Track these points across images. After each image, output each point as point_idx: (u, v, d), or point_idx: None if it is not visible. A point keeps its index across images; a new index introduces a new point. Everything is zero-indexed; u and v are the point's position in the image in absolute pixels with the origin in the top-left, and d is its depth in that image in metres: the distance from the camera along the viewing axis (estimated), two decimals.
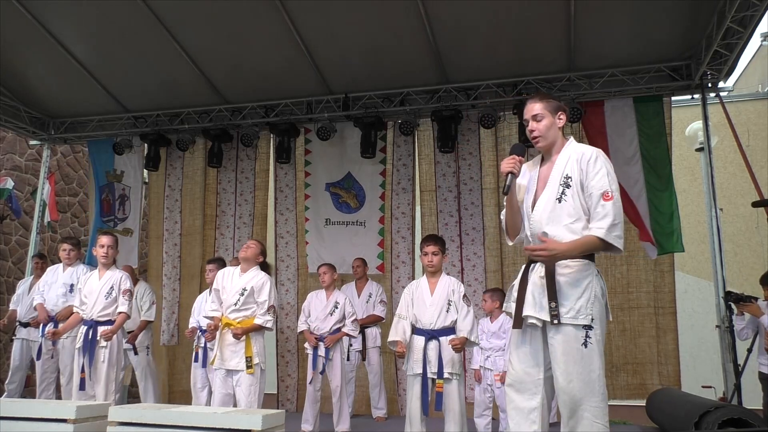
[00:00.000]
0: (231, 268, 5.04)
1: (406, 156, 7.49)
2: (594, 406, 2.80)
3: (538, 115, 2.99)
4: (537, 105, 3.01)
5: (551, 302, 2.83)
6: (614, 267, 6.76)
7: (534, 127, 3.01)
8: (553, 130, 3.00)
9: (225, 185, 8.06)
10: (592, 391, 2.81)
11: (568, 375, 2.81)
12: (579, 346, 2.81)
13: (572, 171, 2.91)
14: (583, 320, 2.82)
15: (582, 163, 2.90)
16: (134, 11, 6.07)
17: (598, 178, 2.86)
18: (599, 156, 2.93)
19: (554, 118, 3.00)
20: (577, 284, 2.85)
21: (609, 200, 2.81)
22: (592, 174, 2.87)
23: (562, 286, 2.86)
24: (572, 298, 2.84)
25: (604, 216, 2.81)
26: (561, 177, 2.92)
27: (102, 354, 4.97)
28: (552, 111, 2.99)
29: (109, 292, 5.09)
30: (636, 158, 6.58)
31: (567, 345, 2.82)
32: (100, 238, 5.27)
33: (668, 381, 6.45)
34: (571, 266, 2.87)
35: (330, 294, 5.86)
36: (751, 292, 9.87)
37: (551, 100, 3.03)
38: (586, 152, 2.94)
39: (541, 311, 2.88)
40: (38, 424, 3.69)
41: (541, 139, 3.01)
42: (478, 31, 6.15)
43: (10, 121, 7.91)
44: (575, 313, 2.82)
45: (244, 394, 4.57)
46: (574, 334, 2.82)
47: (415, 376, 4.46)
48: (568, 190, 2.90)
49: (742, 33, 5.51)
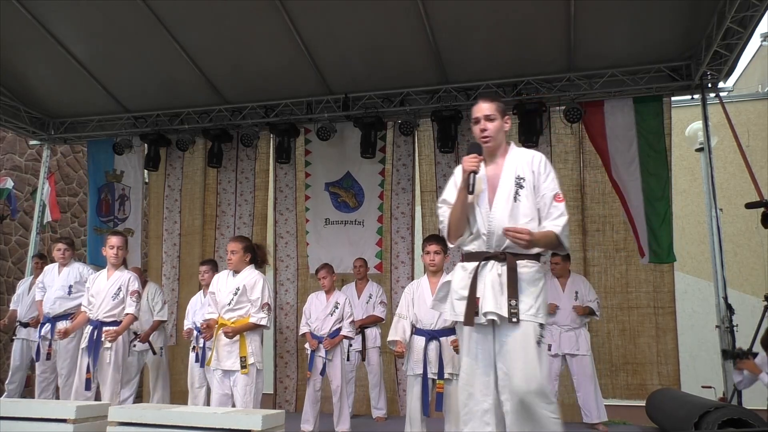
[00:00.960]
0: (225, 271, 5.01)
1: (405, 156, 7.49)
2: (549, 403, 2.85)
3: (491, 115, 3.07)
4: (489, 105, 3.09)
5: (511, 300, 2.88)
6: (613, 267, 6.77)
7: (486, 126, 3.07)
8: (501, 133, 3.10)
9: (225, 185, 8.06)
10: (544, 388, 2.87)
11: (526, 372, 2.85)
12: (534, 343, 2.88)
13: (524, 173, 3.03)
14: (541, 318, 2.92)
15: (533, 165, 3.04)
16: (134, 11, 6.07)
17: (549, 181, 3.03)
18: (547, 160, 3.10)
19: (502, 122, 3.10)
20: (535, 283, 2.96)
21: (561, 201, 3.00)
22: (544, 176, 3.03)
23: (523, 284, 2.93)
24: (532, 296, 2.92)
25: (559, 215, 2.97)
26: (514, 178, 3.02)
27: (108, 356, 4.95)
28: (501, 114, 3.09)
29: (117, 293, 5.07)
30: (635, 163, 6.59)
31: (526, 342, 2.88)
32: (110, 238, 5.22)
33: (668, 381, 6.45)
34: (529, 266, 2.98)
35: (330, 295, 5.87)
36: (751, 292, 9.91)
37: (500, 103, 3.14)
38: (535, 156, 3.08)
39: (501, 308, 2.91)
40: (38, 424, 3.69)
41: (491, 140, 3.08)
42: (478, 31, 6.16)
43: (10, 121, 7.91)
44: (535, 310, 2.91)
45: (240, 395, 4.56)
46: (532, 331, 2.89)
47: (415, 377, 4.46)
48: (522, 191, 3.00)
49: (742, 33, 5.51)
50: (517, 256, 2.98)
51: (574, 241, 6.80)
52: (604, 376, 6.56)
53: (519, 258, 2.98)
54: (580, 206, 6.89)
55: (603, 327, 6.72)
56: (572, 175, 6.97)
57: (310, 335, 5.75)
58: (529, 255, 3.00)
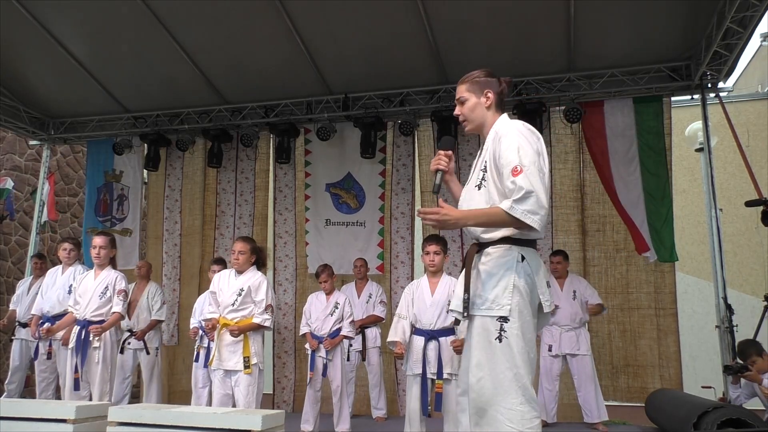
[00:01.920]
0: (227, 270, 5.03)
1: (405, 156, 7.50)
2: (508, 408, 2.48)
3: (461, 98, 2.83)
4: (462, 87, 2.84)
5: (465, 293, 2.62)
6: (614, 267, 6.76)
7: (458, 111, 2.86)
8: (478, 111, 2.80)
9: (225, 185, 8.06)
10: (505, 391, 2.49)
11: (478, 371, 2.55)
12: (492, 340, 2.53)
13: (488, 153, 2.69)
14: (498, 311, 2.54)
15: (495, 142, 2.65)
16: (134, 11, 6.07)
17: (506, 155, 2.56)
18: (511, 129, 2.65)
19: (479, 98, 2.79)
20: (495, 272, 2.59)
21: (518, 174, 2.49)
22: (503, 150, 2.58)
23: (481, 275, 2.62)
24: (488, 286, 2.58)
25: (512, 191, 2.50)
26: (482, 161, 2.73)
27: (96, 355, 4.97)
28: (477, 91, 2.79)
29: (104, 292, 5.09)
30: (635, 163, 6.59)
31: (479, 338, 2.58)
32: (93, 239, 5.29)
33: (670, 384, 6.41)
34: (490, 253, 2.64)
35: (330, 295, 5.88)
36: (751, 292, 9.90)
37: (478, 79, 2.81)
38: (500, 129, 2.69)
39: (458, 304, 2.68)
40: (38, 424, 3.68)
41: (467, 123, 2.84)
42: (477, 31, 6.16)
43: (10, 121, 7.91)
44: (489, 303, 2.57)
45: (243, 395, 4.57)
46: (486, 326, 2.56)
47: (414, 377, 4.46)
48: (487, 175, 2.67)
49: (741, 33, 5.51)
50: (480, 246, 2.70)
51: (573, 241, 6.80)
52: (605, 378, 6.53)
53: (484, 247, 2.68)
54: (580, 206, 6.87)
55: (603, 328, 6.70)
56: (572, 175, 6.96)
57: (311, 335, 5.75)
58: (493, 242, 2.65)
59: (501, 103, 2.82)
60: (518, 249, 2.61)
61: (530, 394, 2.52)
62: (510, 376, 2.50)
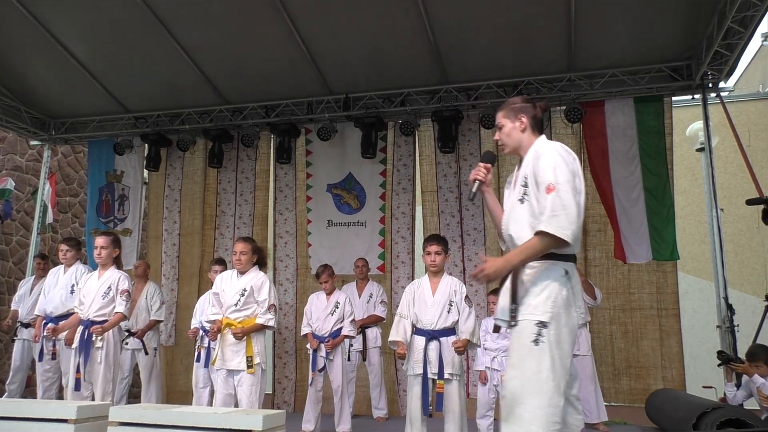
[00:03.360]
0: (229, 271, 5.04)
1: (406, 156, 7.50)
2: (534, 407, 2.60)
3: (499, 124, 3.06)
4: (499, 114, 3.07)
5: (512, 305, 2.78)
6: (615, 267, 6.75)
7: (497, 137, 3.08)
8: (514, 135, 3.01)
9: (225, 185, 8.07)
10: (533, 392, 2.62)
11: (512, 370, 2.72)
12: (529, 342, 2.67)
13: (528, 171, 2.89)
14: (539, 316, 2.70)
15: (534, 161, 2.86)
16: (135, 11, 6.08)
17: (542, 173, 2.78)
18: (547, 150, 2.86)
19: (514, 123, 3.00)
20: (541, 283, 2.76)
21: (550, 192, 2.70)
22: (540, 169, 2.80)
23: (527, 286, 2.79)
24: (532, 295, 2.75)
25: (542, 211, 2.72)
26: (522, 177, 2.92)
27: (99, 355, 4.97)
28: (512, 116, 3.01)
29: (107, 292, 5.09)
30: (635, 162, 6.59)
31: (518, 341, 2.73)
32: (95, 239, 5.30)
33: (672, 385, 6.37)
34: (534, 266, 2.80)
35: (330, 294, 5.88)
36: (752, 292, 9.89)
37: (513, 106, 3.04)
38: (539, 149, 2.90)
39: (504, 314, 2.84)
40: (39, 424, 3.69)
41: (505, 146, 3.06)
42: (478, 31, 6.16)
43: (11, 122, 7.91)
44: (531, 308, 2.73)
45: (246, 394, 4.57)
46: (526, 329, 2.71)
47: (415, 377, 4.45)
48: (528, 190, 2.86)
49: (742, 33, 5.51)
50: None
51: None
52: (607, 379, 6.51)
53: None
54: None
55: (605, 329, 6.68)
56: None
57: (312, 335, 5.75)
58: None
59: (537, 126, 3.02)
60: (562, 264, 2.80)
61: (557, 401, 2.63)
62: (541, 378, 2.62)
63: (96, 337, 4.96)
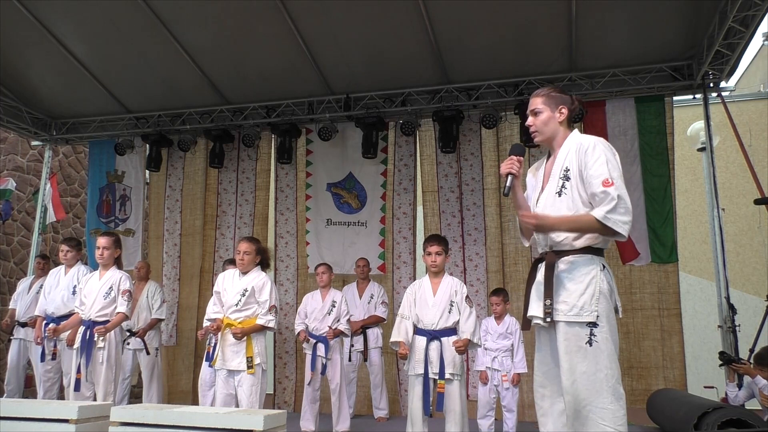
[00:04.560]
0: (231, 270, 5.04)
1: (407, 156, 7.50)
2: (601, 408, 2.65)
3: (536, 109, 2.97)
4: (537, 99, 2.98)
5: (546, 300, 2.76)
6: (617, 267, 6.71)
7: (531, 122, 2.99)
8: (551, 124, 2.94)
9: (226, 185, 8.07)
10: (598, 392, 2.66)
11: (572, 374, 2.70)
12: (583, 344, 2.69)
13: (571, 163, 2.84)
14: (587, 317, 2.70)
15: (580, 153, 2.82)
16: (136, 12, 6.08)
17: (596, 167, 2.75)
18: (598, 144, 2.82)
19: (554, 113, 2.94)
20: (580, 279, 2.75)
21: (610, 186, 2.71)
22: (591, 162, 2.77)
23: (564, 282, 2.77)
24: (575, 294, 2.74)
25: (603, 200, 2.70)
26: (561, 170, 2.87)
27: (101, 355, 4.97)
28: (552, 105, 2.94)
29: (108, 293, 5.10)
30: (636, 163, 6.58)
31: (569, 344, 2.72)
32: (97, 239, 5.31)
33: (674, 385, 6.37)
34: (572, 260, 2.79)
35: (326, 293, 5.92)
36: (753, 292, 9.88)
37: (554, 94, 2.97)
38: (584, 142, 2.85)
39: (539, 310, 2.82)
40: (40, 425, 3.69)
41: (537, 134, 2.98)
42: (479, 31, 6.15)
43: (12, 122, 7.92)
44: (578, 310, 2.72)
45: (246, 395, 4.58)
46: (577, 332, 2.71)
47: (416, 377, 4.45)
48: (567, 183, 2.83)
49: (743, 33, 5.50)
50: (559, 254, 2.83)
51: None
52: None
53: (563, 255, 2.82)
54: None
55: None
56: None
57: (308, 334, 5.78)
58: (575, 250, 2.80)
59: (572, 120, 3.03)
60: (599, 258, 2.82)
61: (619, 393, 2.71)
62: (601, 377, 2.68)
63: (98, 337, 4.97)
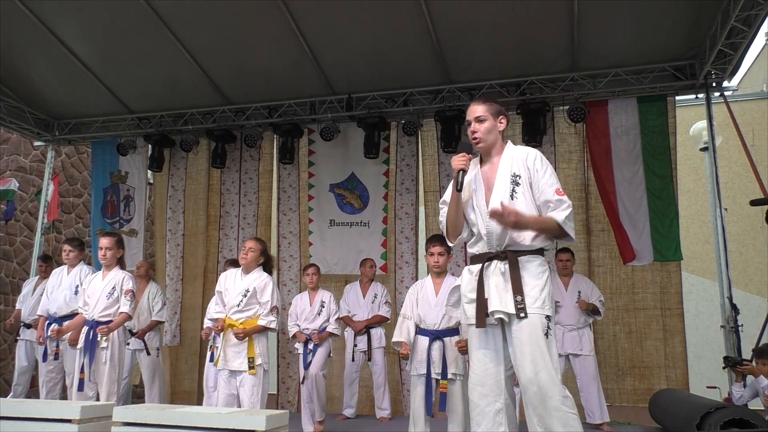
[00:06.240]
0: (233, 270, 5.05)
1: (409, 156, 7.49)
2: (563, 396, 2.84)
3: (480, 117, 3.11)
4: (480, 107, 3.13)
5: (517, 296, 2.91)
6: (619, 267, 6.73)
7: (476, 129, 3.12)
8: (493, 133, 3.12)
9: (228, 186, 8.08)
10: (554, 382, 2.84)
11: (536, 365, 2.85)
12: (542, 335, 2.88)
13: (519, 170, 3.05)
14: (548, 310, 2.93)
15: (528, 162, 3.05)
16: (138, 12, 6.08)
17: (547, 177, 3.02)
18: (540, 155, 3.09)
19: (495, 122, 3.11)
20: (539, 276, 2.97)
21: (563, 195, 3.00)
22: (541, 173, 3.02)
23: (526, 278, 2.96)
24: (537, 289, 2.94)
25: (558, 207, 2.97)
26: (510, 176, 3.05)
27: (103, 355, 4.99)
28: (494, 114, 3.12)
29: (111, 293, 5.11)
30: (638, 162, 6.57)
31: (534, 335, 2.88)
32: (99, 240, 5.33)
33: (676, 385, 6.36)
34: (531, 260, 3.00)
35: (315, 295, 6.01)
36: (756, 292, 9.86)
37: (494, 104, 3.15)
38: (530, 153, 3.08)
39: (507, 305, 2.94)
40: (43, 425, 3.69)
41: (481, 141, 3.13)
42: (481, 31, 6.15)
43: (15, 122, 7.93)
44: (541, 303, 2.92)
45: (247, 395, 4.58)
46: (539, 323, 2.90)
47: (419, 377, 4.45)
48: (518, 188, 3.03)
49: (746, 32, 5.49)
50: (517, 253, 3.01)
51: (578, 241, 6.73)
52: (611, 380, 6.49)
53: (520, 254, 3.00)
54: (584, 206, 6.85)
55: (609, 329, 6.66)
56: (576, 174, 6.94)
57: (300, 333, 5.89)
58: (531, 251, 3.02)
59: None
60: (545, 260, 3.06)
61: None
62: (556, 368, 2.89)
63: (101, 337, 4.97)
